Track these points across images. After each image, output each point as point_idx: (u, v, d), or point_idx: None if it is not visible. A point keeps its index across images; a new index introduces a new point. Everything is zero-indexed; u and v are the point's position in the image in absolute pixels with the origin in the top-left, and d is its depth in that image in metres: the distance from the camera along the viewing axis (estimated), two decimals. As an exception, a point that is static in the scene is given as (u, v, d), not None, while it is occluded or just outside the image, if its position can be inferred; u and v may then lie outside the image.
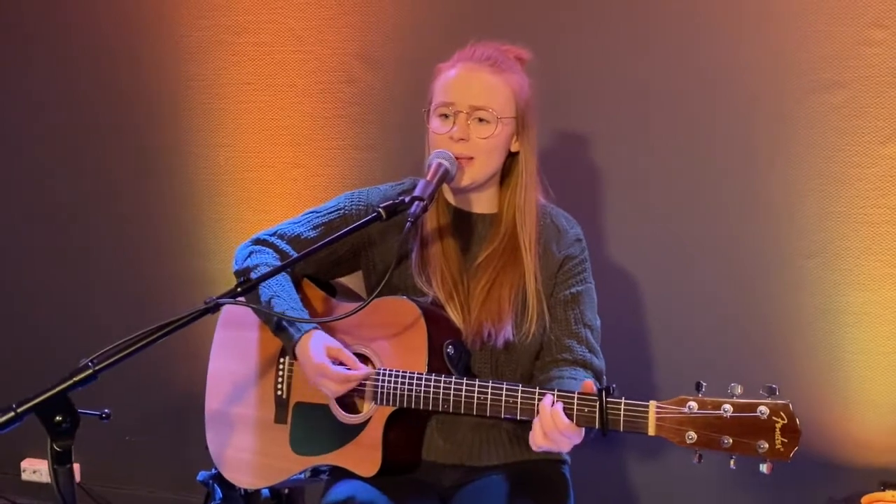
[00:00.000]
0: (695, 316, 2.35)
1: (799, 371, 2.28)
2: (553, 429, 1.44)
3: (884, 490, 2.22)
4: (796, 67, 2.18)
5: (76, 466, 2.38)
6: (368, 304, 1.50)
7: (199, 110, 2.61)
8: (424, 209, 1.53)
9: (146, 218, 2.72)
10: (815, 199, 2.22)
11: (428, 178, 1.59)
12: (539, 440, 1.47)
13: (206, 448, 1.84)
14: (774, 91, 2.21)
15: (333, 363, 1.60)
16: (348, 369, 1.61)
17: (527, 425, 1.53)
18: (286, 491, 2.43)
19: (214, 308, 1.40)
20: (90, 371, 1.26)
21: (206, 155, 2.63)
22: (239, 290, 1.44)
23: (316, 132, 2.54)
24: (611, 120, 2.34)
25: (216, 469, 1.94)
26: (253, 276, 1.63)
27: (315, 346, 1.61)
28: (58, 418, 1.24)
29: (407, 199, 1.54)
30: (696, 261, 2.33)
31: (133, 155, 2.70)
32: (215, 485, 2.23)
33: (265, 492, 2.26)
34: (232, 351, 1.82)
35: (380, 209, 1.52)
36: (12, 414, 1.22)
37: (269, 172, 2.59)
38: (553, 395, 1.47)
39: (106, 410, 1.48)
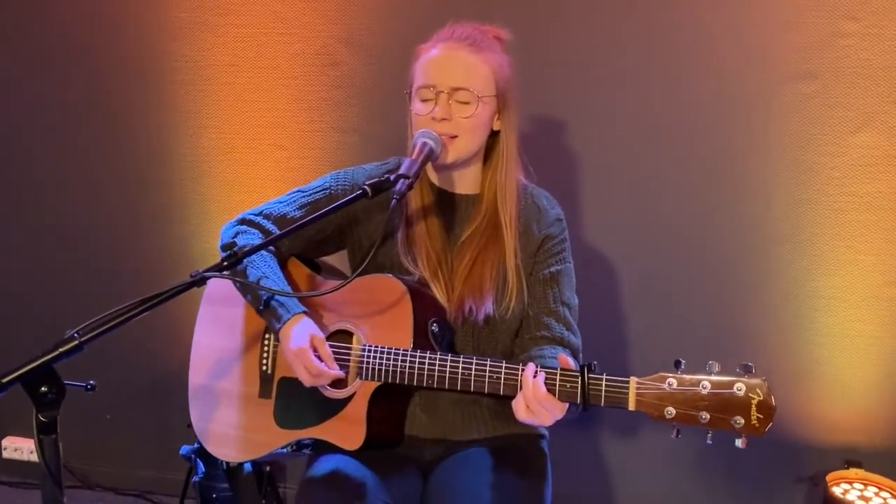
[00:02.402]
0: (668, 298, 2.39)
1: (768, 353, 2.33)
2: (533, 399, 1.47)
3: (848, 468, 2.30)
4: (770, 58, 2.23)
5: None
6: (353, 279, 1.52)
7: (182, 91, 2.59)
8: (409, 187, 1.54)
9: (129, 198, 2.71)
10: (786, 186, 2.27)
11: (413, 156, 1.60)
12: (522, 413, 1.49)
13: (188, 426, 1.84)
14: (748, 80, 2.25)
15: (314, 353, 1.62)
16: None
17: (507, 401, 1.56)
18: (268, 467, 2.45)
19: (200, 281, 1.39)
20: (76, 342, 1.25)
21: (190, 136, 2.62)
22: (225, 264, 1.44)
23: (299, 114, 2.54)
24: (586, 107, 2.36)
25: (199, 443, 1.94)
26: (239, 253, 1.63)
27: (300, 331, 1.62)
28: (43, 389, 1.24)
29: (392, 178, 1.55)
30: (669, 244, 2.37)
31: (116, 135, 2.68)
32: (198, 459, 2.24)
33: (248, 466, 2.27)
34: (217, 326, 1.83)
35: (366, 186, 1.53)
36: (-3, 384, 1.21)
37: (251, 154, 2.59)
38: (536, 366, 1.50)
39: (91, 382, 1.50)
